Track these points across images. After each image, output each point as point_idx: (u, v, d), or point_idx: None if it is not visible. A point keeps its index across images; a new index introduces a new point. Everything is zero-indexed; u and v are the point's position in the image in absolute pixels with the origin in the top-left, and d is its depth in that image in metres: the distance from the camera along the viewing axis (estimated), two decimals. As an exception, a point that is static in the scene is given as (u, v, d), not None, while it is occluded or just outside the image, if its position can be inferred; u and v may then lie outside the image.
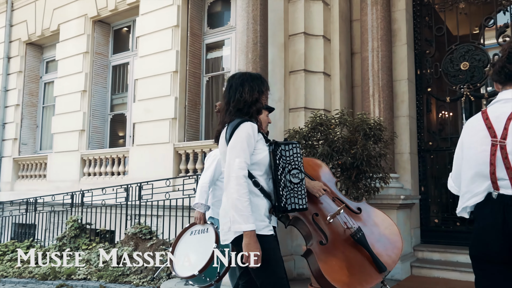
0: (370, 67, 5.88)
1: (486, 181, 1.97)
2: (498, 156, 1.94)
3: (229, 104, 2.45)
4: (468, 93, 6.04)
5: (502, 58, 2.10)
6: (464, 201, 2.09)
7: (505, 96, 2.05)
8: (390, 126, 5.76)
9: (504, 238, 1.89)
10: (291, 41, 6.00)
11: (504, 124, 1.95)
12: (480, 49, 6.04)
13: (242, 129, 2.34)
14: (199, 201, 3.69)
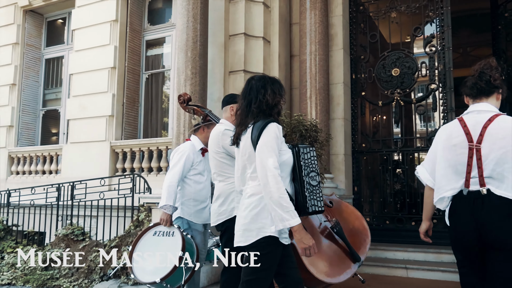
0: (308, 70, 6.04)
1: (462, 179, 2.37)
2: (474, 158, 2.34)
3: (251, 106, 2.45)
4: (399, 98, 6.37)
5: (474, 76, 2.52)
6: (442, 192, 2.45)
7: (477, 108, 2.47)
8: (326, 127, 5.94)
9: (474, 227, 2.29)
10: (231, 41, 6.03)
11: (479, 131, 2.36)
12: (409, 56, 6.40)
13: (270, 130, 2.34)
14: (167, 203, 3.47)
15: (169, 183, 3.50)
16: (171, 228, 3.47)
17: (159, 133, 7.62)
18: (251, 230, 2.34)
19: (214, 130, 3.19)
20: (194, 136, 3.85)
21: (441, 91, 6.13)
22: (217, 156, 3.07)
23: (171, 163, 3.64)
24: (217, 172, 3.10)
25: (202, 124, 3.81)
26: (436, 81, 6.20)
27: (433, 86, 6.22)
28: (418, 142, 6.55)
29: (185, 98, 4.21)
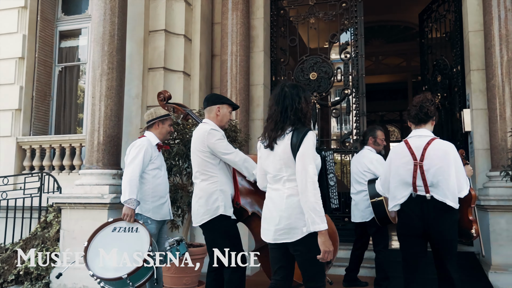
0: (229, 70, 6.08)
1: (410, 188, 3.12)
2: (418, 172, 3.07)
3: (287, 112, 2.56)
4: (316, 101, 6.63)
5: (416, 108, 3.25)
6: (396, 201, 3.20)
7: (419, 133, 3.22)
8: (245, 128, 6.02)
9: (421, 220, 3.05)
10: (151, 37, 5.89)
11: (421, 152, 3.10)
12: (326, 62, 6.69)
13: (310, 138, 2.50)
14: (130, 196, 3.37)
15: (130, 177, 3.43)
16: (134, 224, 3.36)
17: (73, 130, 7.23)
18: (297, 228, 2.50)
19: (198, 129, 3.29)
20: (149, 131, 3.79)
21: (354, 96, 6.48)
22: (201, 155, 3.19)
23: (127, 159, 3.56)
24: (200, 171, 3.21)
25: (157, 120, 3.74)
26: (350, 86, 6.54)
27: (347, 91, 6.56)
28: (334, 144, 6.87)
29: (165, 95, 4.09)
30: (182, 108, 4.06)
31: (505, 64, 5.06)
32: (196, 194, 3.24)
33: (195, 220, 3.25)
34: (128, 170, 3.49)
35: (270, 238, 2.60)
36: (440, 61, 6.74)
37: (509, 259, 4.73)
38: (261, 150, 2.71)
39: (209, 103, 3.38)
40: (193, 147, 3.27)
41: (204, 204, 3.17)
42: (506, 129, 4.97)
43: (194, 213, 3.27)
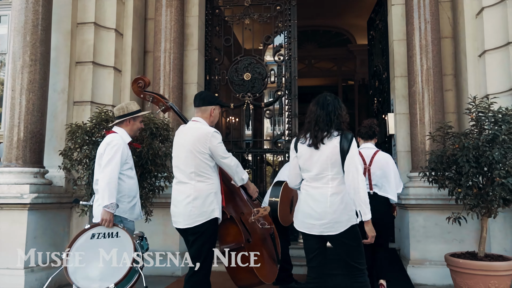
0: (162, 67, 5.95)
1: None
2: (366, 174, 3.99)
3: (331, 117, 2.85)
4: (249, 101, 6.69)
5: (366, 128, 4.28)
6: None
7: (367, 146, 4.25)
8: (178, 126, 5.89)
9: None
10: (79, 29, 5.61)
11: (370, 159, 4.08)
12: (260, 63, 6.77)
13: (355, 142, 2.86)
14: (111, 201, 3.20)
15: (109, 179, 3.24)
16: (113, 228, 3.22)
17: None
18: (341, 222, 2.81)
19: (199, 129, 3.19)
20: (119, 128, 3.59)
21: (287, 98, 6.62)
22: (200, 156, 3.12)
23: (104, 158, 3.34)
24: (196, 172, 3.13)
25: (129, 117, 3.57)
26: (283, 88, 6.67)
27: (280, 92, 6.69)
28: (266, 144, 6.96)
29: (146, 82, 3.82)
30: (164, 100, 3.82)
31: (425, 72, 5.42)
32: (188, 194, 3.13)
33: (186, 221, 3.13)
34: (106, 171, 3.28)
35: (316, 231, 2.88)
36: (377, 68, 7.07)
37: (425, 254, 5.07)
38: (301, 149, 2.93)
39: (205, 103, 3.32)
40: (190, 146, 3.15)
41: (200, 206, 3.10)
42: (425, 132, 5.32)
43: (185, 214, 3.13)
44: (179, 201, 3.20)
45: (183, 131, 3.32)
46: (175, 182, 3.29)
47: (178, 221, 3.21)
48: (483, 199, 3.86)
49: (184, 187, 3.17)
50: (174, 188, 3.29)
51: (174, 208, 3.26)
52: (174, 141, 3.38)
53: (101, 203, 3.25)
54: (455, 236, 5.01)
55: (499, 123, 3.78)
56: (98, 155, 3.46)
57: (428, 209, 5.09)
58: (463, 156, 3.71)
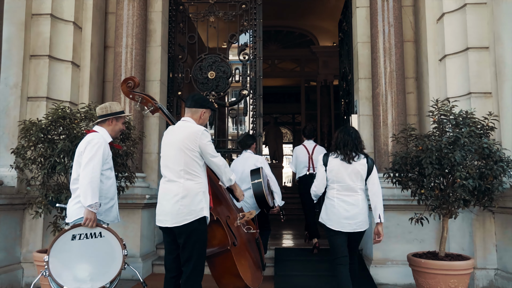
0: (123, 63, 5.74)
1: (306, 168, 5.95)
2: (310, 161, 5.88)
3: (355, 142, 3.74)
4: (213, 100, 6.57)
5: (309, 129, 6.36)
6: (299, 174, 6.05)
7: (307, 142, 6.14)
8: (139, 125, 5.74)
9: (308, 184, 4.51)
10: (34, 21, 5.31)
11: (312, 150, 5.99)
12: (225, 61, 6.67)
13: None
14: (95, 200, 3.11)
15: (91, 178, 3.13)
16: (95, 228, 3.14)
17: None
18: (366, 221, 3.76)
19: (189, 127, 3.22)
20: (100, 127, 3.50)
21: (251, 97, 6.56)
22: (190, 153, 3.14)
23: (85, 156, 3.22)
24: (185, 170, 3.13)
25: (112, 116, 3.49)
26: (248, 88, 6.61)
27: (244, 92, 6.61)
28: (230, 144, 6.87)
29: (135, 82, 3.76)
30: (153, 101, 3.77)
31: (388, 74, 5.50)
32: (176, 193, 3.12)
33: (174, 220, 3.11)
34: (87, 170, 3.17)
35: (350, 229, 3.67)
36: (345, 70, 7.12)
37: (387, 253, 5.14)
38: (334, 162, 3.72)
39: (196, 105, 3.36)
40: (180, 144, 3.16)
41: (188, 204, 3.10)
42: (388, 134, 5.40)
43: (173, 213, 3.12)
44: (167, 199, 3.18)
45: (173, 130, 3.32)
46: (163, 181, 3.27)
47: (165, 219, 3.18)
48: (444, 200, 3.93)
49: (173, 185, 3.16)
50: (162, 187, 3.27)
51: (161, 207, 3.23)
52: (163, 141, 3.37)
53: (83, 203, 3.14)
54: (416, 236, 5.11)
55: (460, 125, 3.87)
56: (77, 153, 3.35)
57: (391, 210, 5.16)
58: (426, 157, 3.77)
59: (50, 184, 4.31)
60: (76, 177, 3.31)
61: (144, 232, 5.49)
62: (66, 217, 3.40)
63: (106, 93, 6.17)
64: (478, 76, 4.93)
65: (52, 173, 4.25)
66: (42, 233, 4.97)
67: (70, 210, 3.35)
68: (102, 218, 3.39)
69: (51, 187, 4.28)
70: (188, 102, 3.40)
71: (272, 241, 6.45)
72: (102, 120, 3.51)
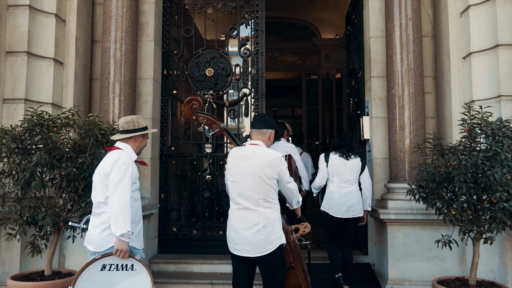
0: (112, 60, 5.17)
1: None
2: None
3: (351, 144, 4.79)
4: (211, 100, 6.02)
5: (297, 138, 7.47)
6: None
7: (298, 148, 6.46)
8: (130, 129, 5.19)
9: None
10: (10, 13, 4.73)
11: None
12: (224, 57, 6.11)
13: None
14: (126, 229, 2.83)
15: (122, 203, 2.86)
16: (128, 260, 2.87)
17: None
18: (360, 209, 4.70)
19: (267, 154, 3.10)
20: (124, 144, 3.19)
21: (253, 97, 6.02)
22: (269, 182, 3.04)
23: (113, 178, 2.92)
24: (265, 198, 3.04)
25: (140, 133, 3.21)
26: (249, 86, 6.06)
27: (245, 90, 6.07)
28: (229, 148, 6.33)
29: (200, 104, 3.69)
30: (217, 122, 3.73)
31: (405, 73, 4.96)
32: (256, 222, 3.02)
33: (256, 250, 3.02)
34: (117, 194, 2.88)
35: (349, 215, 4.59)
36: (353, 66, 6.56)
37: (405, 273, 4.65)
38: (334, 159, 4.69)
39: (267, 126, 3.24)
40: (259, 172, 3.03)
41: (269, 233, 3.02)
42: (405, 140, 4.88)
43: (254, 243, 3.02)
44: (245, 228, 3.05)
45: (246, 155, 3.13)
46: (237, 208, 3.13)
47: (244, 249, 3.07)
48: (478, 223, 3.42)
49: (251, 214, 3.05)
50: (236, 214, 3.12)
51: (238, 236, 3.10)
52: (232, 165, 3.18)
53: (115, 232, 2.86)
54: (436, 253, 4.60)
55: (498, 137, 3.34)
56: (103, 173, 3.02)
57: (409, 225, 4.67)
58: (460, 175, 3.24)
59: (25, 202, 3.77)
60: (102, 200, 3.01)
61: (135, 247, 4.96)
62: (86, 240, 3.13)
63: (94, 92, 5.60)
64: (510, 76, 4.39)
65: (27, 188, 3.72)
66: (19, 253, 4.44)
67: (97, 238, 3.03)
68: (134, 244, 3.06)
69: (27, 205, 3.74)
70: (258, 124, 3.25)
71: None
72: (130, 137, 3.20)
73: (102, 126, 3.94)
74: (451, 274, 4.58)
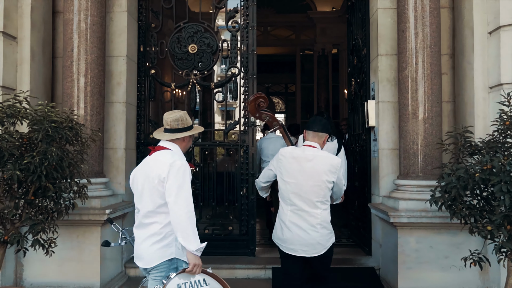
0: (75, 34, 4.38)
1: None
2: None
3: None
4: (195, 80, 5.27)
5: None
6: None
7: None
8: (99, 115, 4.45)
9: None
10: None
11: None
12: (209, 31, 5.32)
13: None
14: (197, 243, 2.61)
15: (188, 213, 2.58)
16: (200, 275, 2.67)
17: None
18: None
19: (328, 158, 3.13)
20: (173, 143, 2.81)
21: (243, 77, 5.27)
22: (329, 185, 3.10)
23: (172, 184, 2.57)
24: (322, 201, 3.10)
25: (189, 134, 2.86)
26: (238, 65, 5.30)
27: (234, 70, 5.31)
28: (216, 136, 5.63)
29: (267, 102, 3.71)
30: (277, 119, 3.74)
31: (420, 51, 4.23)
32: (314, 223, 3.08)
33: (314, 250, 3.08)
34: (180, 203, 2.56)
35: None
36: (356, 41, 5.78)
37: (417, 283, 4.03)
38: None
39: (324, 129, 3.24)
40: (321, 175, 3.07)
41: (326, 233, 3.12)
42: (419, 130, 4.19)
43: (313, 243, 3.08)
44: (301, 229, 3.09)
45: (305, 157, 3.11)
46: (291, 209, 3.12)
47: (302, 250, 3.10)
48: (518, 239, 2.77)
49: (307, 216, 3.09)
50: (291, 216, 3.12)
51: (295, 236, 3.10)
52: (289, 165, 3.14)
53: (188, 246, 2.58)
54: (453, 261, 3.98)
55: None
56: (153, 178, 2.64)
57: (422, 229, 4.03)
58: (500, 183, 2.57)
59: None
60: (153, 209, 2.66)
61: (105, 254, 4.30)
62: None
63: (57, 72, 4.82)
64: (548, 56, 3.69)
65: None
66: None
67: (147, 252, 2.68)
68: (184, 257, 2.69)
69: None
70: (316, 127, 3.22)
71: (264, 251, 5.33)
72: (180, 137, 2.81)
73: (55, 118, 3.19)
74: (470, 285, 4.02)
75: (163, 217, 2.64)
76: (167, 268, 2.64)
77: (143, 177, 2.72)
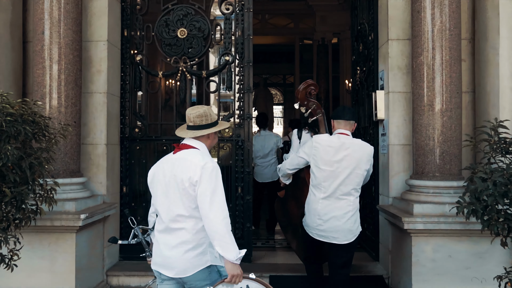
0: (47, 14, 3.87)
1: None
2: None
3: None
4: (185, 68, 4.76)
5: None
6: None
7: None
8: (74, 107, 3.95)
9: None
10: None
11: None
12: (201, 14, 4.81)
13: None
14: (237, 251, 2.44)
15: (224, 219, 2.43)
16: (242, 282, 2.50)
17: None
18: None
19: (363, 146, 3.27)
20: (199, 142, 2.63)
21: (238, 65, 4.77)
22: (363, 173, 3.20)
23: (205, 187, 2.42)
24: (356, 188, 3.21)
25: (216, 130, 2.69)
26: (232, 52, 4.80)
27: (228, 57, 4.80)
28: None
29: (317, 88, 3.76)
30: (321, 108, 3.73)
31: (437, 34, 3.74)
32: (347, 210, 3.17)
33: (346, 237, 3.16)
34: (215, 207, 2.42)
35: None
36: (361, 26, 5.27)
37: (434, 298, 3.58)
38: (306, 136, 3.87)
39: (352, 117, 3.34)
40: (358, 163, 3.17)
41: (356, 220, 3.21)
42: (436, 124, 3.72)
43: (344, 230, 3.16)
44: (334, 216, 3.16)
45: (342, 145, 3.18)
46: (326, 196, 3.19)
47: (331, 236, 3.17)
48: None
49: (341, 203, 3.18)
50: (323, 203, 3.19)
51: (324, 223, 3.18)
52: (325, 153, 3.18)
53: (227, 256, 2.44)
54: (475, 273, 3.54)
55: None
56: (183, 180, 2.46)
57: (440, 236, 3.57)
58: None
59: None
60: (184, 213, 2.49)
61: (82, 262, 3.82)
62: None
63: (29, 58, 4.30)
64: None
65: None
66: None
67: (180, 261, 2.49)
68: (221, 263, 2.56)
69: None
70: (347, 115, 3.31)
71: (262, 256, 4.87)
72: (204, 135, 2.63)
73: (11, 110, 2.69)
74: (494, 300, 3.55)
75: (193, 222, 2.48)
76: (207, 276, 2.50)
77: (168, 176, 2.52)
